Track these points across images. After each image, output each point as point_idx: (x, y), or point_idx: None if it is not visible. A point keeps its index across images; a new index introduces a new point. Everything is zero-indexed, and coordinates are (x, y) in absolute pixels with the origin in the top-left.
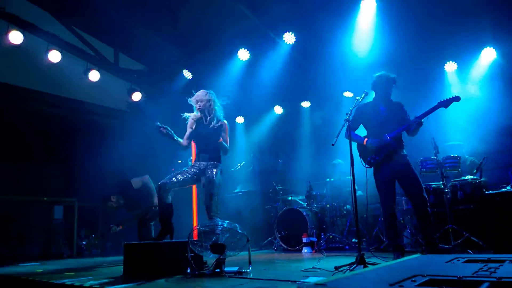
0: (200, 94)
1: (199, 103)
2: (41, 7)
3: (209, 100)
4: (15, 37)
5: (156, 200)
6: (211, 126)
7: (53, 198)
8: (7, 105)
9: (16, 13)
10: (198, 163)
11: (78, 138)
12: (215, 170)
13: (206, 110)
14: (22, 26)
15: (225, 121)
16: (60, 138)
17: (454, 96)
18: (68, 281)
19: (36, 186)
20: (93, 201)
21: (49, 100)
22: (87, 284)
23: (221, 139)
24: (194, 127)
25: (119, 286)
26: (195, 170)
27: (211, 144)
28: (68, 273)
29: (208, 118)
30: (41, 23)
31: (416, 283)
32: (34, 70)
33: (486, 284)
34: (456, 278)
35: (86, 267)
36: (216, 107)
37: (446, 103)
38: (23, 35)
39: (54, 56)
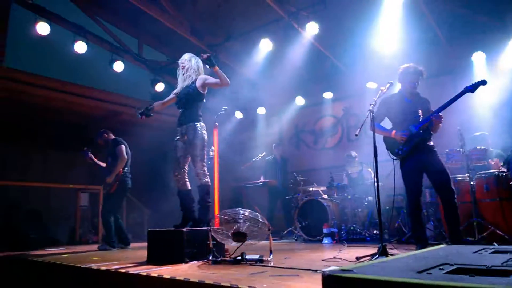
0: (184, 55)
1: (183, 64)
2: None
3: (191, 58)
4: (43, 28)
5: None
6: (187, 84)
7: (79, 185)
8: (34, 95)
9: (43, 4)
10: (178, 128)
11: (102, 128)
12: (194, 131)
13: (187, 68)
14: (49, 18)
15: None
16: (85, 127)
17: (480, 80)
18: (94, 266)
19: (62, 174)
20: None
21: (75, 90)
22: (112, 269)
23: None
24: (177, 92)
25: (144, 270)
26: (179, 137)
27: (188, 104)
28: (93, 258)
29: (187, 76)
30: (68, 14)
31: (444, 271)
32: (60, 61)
33: None
34: (485, 268)
35: (111, 252)
36: (196, 66)
37: (472, 88)
38: (50, 26)
39: (80, 47)
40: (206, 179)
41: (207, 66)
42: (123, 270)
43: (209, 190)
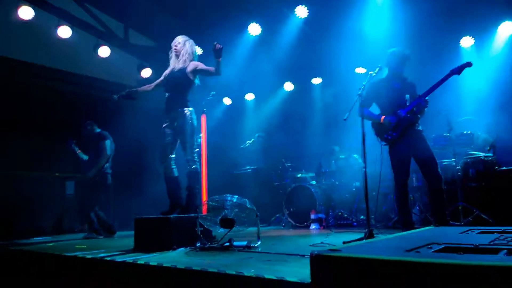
0: (177, 37)
1: (176, 46)
2: None
3: (185, 42)
4: (26, 12)
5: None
6: (176, 70)
7: (65, 173)
8: (17, 81)
9: None
10: (166, 114)
11: (88, 114)
12: (183, 117)
13: (181, 52)
14: (32, 2)
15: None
16: (71, 114)
17: (466, 62)
18: (80, 254)
19: (47, 162)
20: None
21: (59, 76)
22: (98, 256)
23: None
24: (165, 75)
25: (130, 258)
26: (168, 123)
27: (176, 88)
28: (79, 246)
29: (181, 60)
30: None
31: (432, 250)
32: (44, 46)
33: (504, 251)
34: (472, 246)
35: (98, 241)
36: (191, 50)
37: (458, 70)
38: (34, 10)
39: (64, 31)
40: (195, 166)
41: (213, 55)
42: (109, 258)
43: (198, 176)
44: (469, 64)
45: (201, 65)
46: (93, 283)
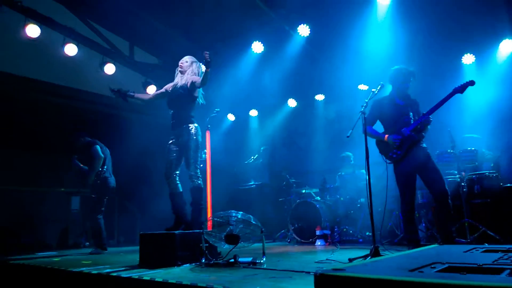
0: (185, 57)
1: (182, 64)
2: (57, 1)
3: (192, 63)
4: (32, 30)
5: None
6: (178, 87)
7: (70, 189)
8: (24, 98)
9: (33, 6)
10: (172, 131)
11: (94, 131)
12: (188, 133)
13: (186, 71)
14: (39, 20)
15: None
16: (76, 130)
17: (469, 80)
18: (85, 269)
19: (53, 177)
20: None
21: (66, 93)
22: (104, 272)
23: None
24: (167, 90)
25: (136, 274)
26: (173, 140)
27: (181, 105)
28: (85, 262)
29: (184, 78)
30: (58, 16)
31: (436, 269)
32: (50, 63)
33: (507, 271)
34: (476, 266)
35: (103, 256)
36: (197, 71)
37: (461, 89)
38: (40, 29)
39: (71, 49)
40: (199, 182)
41: (203, 65)
42: (114, 274)
43: (202, 192)
44: (472, 83)
45: (195, 78)
46: None
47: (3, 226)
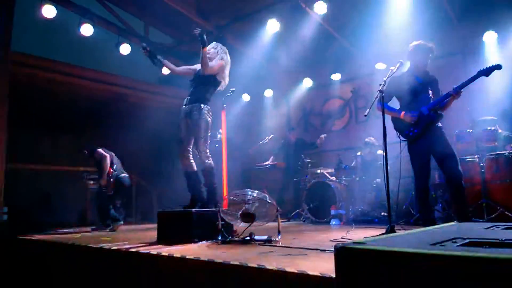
0: (212, 44)
1: (209, 50)
2: None
3: (216, 47)
4: (48, 11)
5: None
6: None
7: (88, 168)
8: (42, 78)
9: None
10: (183, 107)
11: (111, 111)
12: (198, 111)
13: (213, 56)
14: (54, 0)
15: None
16: (93, 110)
17: (495, 64)
18: (105, 246)
19: (71, 157)
20: (126, 171)
21: (82, 74)
22: (123, 248)
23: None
24: (195, 69)
25: (154, 250)
26: (182, 116)
27: (197, 83)
28: (104, 238)
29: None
30: None
31: (457, 244)
32: (67, 44)
33: None
34: (498, 241)
35: (122, 233)
36: (222, 52)
37: (487, 72)
38: (56, 9)
39: (86, 29)
40: (209, 161)
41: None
42: (134, 250)
43: (213, 172)
44: (498, 67)
45: (213, 57)
46: (118, 274)
47: (23, 205)
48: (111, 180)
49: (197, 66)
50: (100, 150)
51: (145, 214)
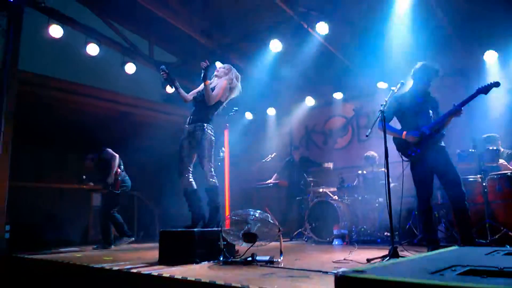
0: (225, 65)
1: (217, 71)
2: (79, 1)
3: (228, 71)
4: (55, 30)
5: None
6: (210, 87)
7: (92, 186)
8: (48, 97)
9: (56, 7)
10: (186, 126)
11: (115, 129)
12: (202, 131)
13: (221, 75)
14: (61, 20)
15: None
16: (98, 128)
17: (493, 82)
18: (106, 266)
19: (75, 175)
20: (129, 189)
21: (88, 92)
22: (125, 268)
23: (207, 82)
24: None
25: (155, 270)
26: (185, 135)
27: (200, 104)
28: (106, 258)
29: (214, 80)
30: (79, 16)
31: (457, 272)
32: (73, 63)
33: None
34: (497, 269)
35: (123, 252)
36: (231, 76)
37: (485, 89)
38: (63, 29)
39: (92, 49)
40: (214, 180)
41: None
42: (135, 270)
43: (217, 191)
44: (497, 84)
45: (217, 88)
46: None
47: (26, 222)
48: (118, 179)
49: (200, 87)
50: (109, 149)
51: (147, 232)
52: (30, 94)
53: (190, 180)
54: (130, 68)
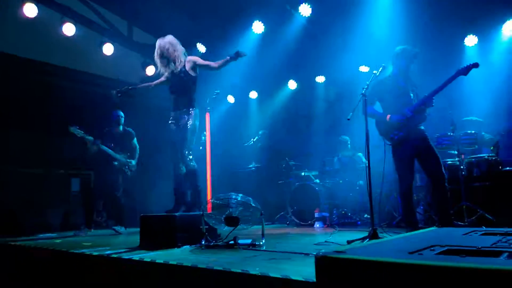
0: (167, 37)
1: (167, 51)
2: None
3: (176, 43)
4: (30, 9)
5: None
6: (177, 71)
7: (70, 170)
8: (23, 78)
9: None
10: (172, 113)
11: (92, 112)
12: (187, 116)
13: (174, 51)
14: None
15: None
16: (75, 111)
17: (472, 63)
18: (86, 251)
19: (52, 158)
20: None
21: (64, 74)
22: (105, 253)
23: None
24: (168, 77)
25: (136, 255)
26: (173, 122)
27: (183, 89)
28: (85, 243)
29: (176, 65)
30: None
31: (435, 252)
32: (48, 43)
33: (505, 254)
34: (475, 248)
35: (103, 238)
36: (179, 52)
37: (465, 71)
38: (37, 8)
39: (68, 29)
40: (193, 163)
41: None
42: (115, 256)
43: (197, 174)
44: (476, 65)
45: (199, 60)
46: (100, 280)
47: (4, 208)
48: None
49: (166, 75)
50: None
51: (128, 218)
52: (3, 75)
53: (180, 165)
54: (108, 49)
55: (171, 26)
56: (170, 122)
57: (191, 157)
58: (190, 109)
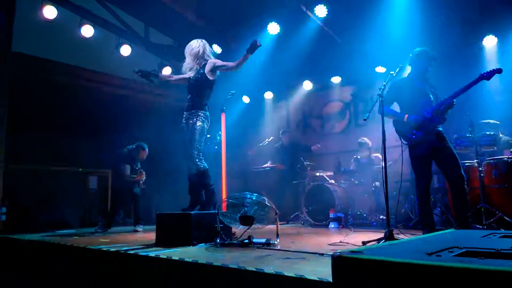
0: (192, 41)
1: (191, 49)
2: None
3: (199, 45)
4: (49, 11)
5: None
6: (197, 72)
7: (88, 169)
8: (42, 79)
9: None
10: (185, 113)
11: (110, 111)
12: (196, 118)
13: (195, 54)
14: (55, 1)
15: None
16: (93, 111)
17: (496, 68)
18: (104, 247)
19: (71, 157)
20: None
21: (83, 74)
22: (122, 250)
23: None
24: (190, 76)
25: (152, 252)
26: (184, 122)
27: (196, 90)
28: (103, 240)
29: (197, 62)
30: None
31: (453, 254)
32: (67, 45)
33: None
34: (494, 251)
35: (120, 235)
36: (204, 49)
37: (488, 76)
38: (57, 10)
39: (87, 30)
40: (201, 164)
41: (247, 49)
42: (132, 252)
43: (207, 174)
44: (499, 71)
45: (218, 61)
46: (117, 276)
47: (23, 204)
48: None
49: (190, 74)
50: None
51: (143, 216)
52: (24, 77)
53: (193, 166)
54: (125, 50)
55: (187, 27)
56: (182, 122)
57: (200, 157)
58: (200, 112)
